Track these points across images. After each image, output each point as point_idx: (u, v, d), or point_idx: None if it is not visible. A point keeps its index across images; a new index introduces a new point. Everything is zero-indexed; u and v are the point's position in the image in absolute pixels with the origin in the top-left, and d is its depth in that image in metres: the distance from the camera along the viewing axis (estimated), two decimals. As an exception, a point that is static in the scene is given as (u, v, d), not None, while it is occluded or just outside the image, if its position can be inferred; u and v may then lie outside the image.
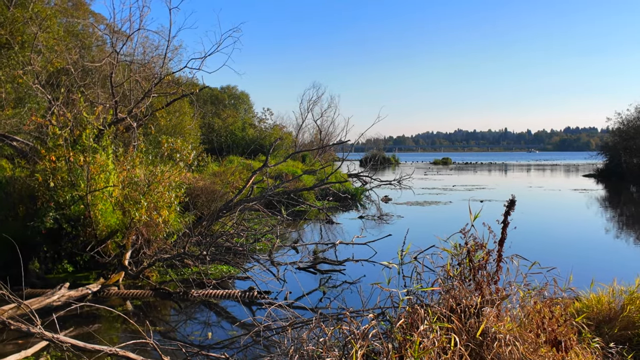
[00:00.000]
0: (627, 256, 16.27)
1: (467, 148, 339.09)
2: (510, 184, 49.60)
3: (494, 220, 6.37)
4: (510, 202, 6.14)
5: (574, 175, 64.50)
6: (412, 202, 30.49)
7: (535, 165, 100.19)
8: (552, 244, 18.11)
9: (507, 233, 6.26)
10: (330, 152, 52.50)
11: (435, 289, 5.81)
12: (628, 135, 55.83)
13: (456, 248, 6.13)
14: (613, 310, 7.13)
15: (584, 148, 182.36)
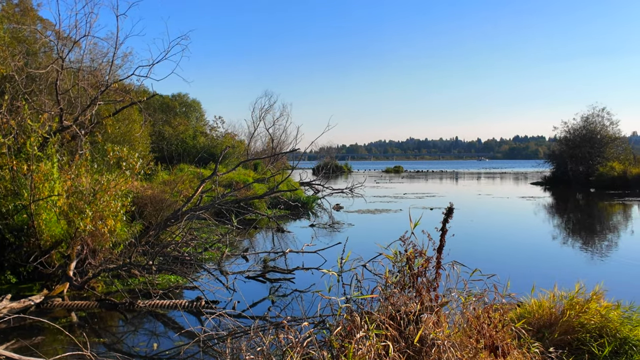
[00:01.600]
0: (569, 262, 16.62)
1: (419, 156, 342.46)
2: (460, 192, 50.26)
3: (438, 228, 6.44)
4: (448, 210, 6.23)
5: (523, 183, 65.69)
6: (363, 210, 30.65)
7: (485, 173, 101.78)
8: (498, 251, 18.42)
9: (455, 240, 6.33)
10: (283, 160, 52.47)
11: (374, 296, 5.85)
12: (574, 144, 57.27)
13: (396, 255, 6.18)
14: (554, 315, 7.26)
15: (532, 156, 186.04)
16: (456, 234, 6.63)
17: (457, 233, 6.39)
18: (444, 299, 5.92)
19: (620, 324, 7.11)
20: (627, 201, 36.94)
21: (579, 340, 6.92)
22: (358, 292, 5.96)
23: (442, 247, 6.12)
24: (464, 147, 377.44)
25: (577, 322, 7.06)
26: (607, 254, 18.33)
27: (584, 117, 58.79)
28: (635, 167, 51.62)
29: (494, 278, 6.57)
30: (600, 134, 57.48)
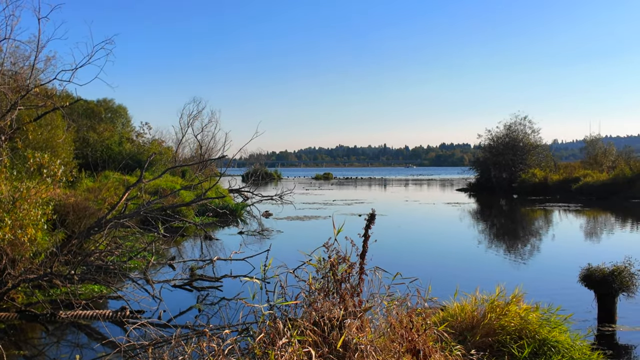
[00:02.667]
0: (492, 266, 17.06)
1: (348, 163, 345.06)
2: (388, 199, 50.96)
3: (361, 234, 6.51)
4: (370, 217, 6.29)
5: (449, 189, 67.10)
6: (292, 217, 30.71)
7: (413, 180, 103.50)
8: (424, 256, 18.77)
9: (382, 246, 6.41)
10: (212, 167, 51.95)
11: (296, 302, 5.87)
12: (497, 151, 58.88)
13: (320, 262, 6.22)
14: (475, 318, 7.44)
15: (458, 163, 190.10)
16: (384, 240, 6.74)
17: (385, 239, 6.52)
18: (367, 304, 5.98)
19: (539, 326, 7.33)
20: (547, 207, 38.17)
21: (500, 342, 7.09)
22: (281, 299, 5.96)
23: (365, 252, 6.18)
24: (392, 154, 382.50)
25: (498, 325, 7.25)
26: (529, 257, 18.92)
27: (507, 126, 60.58)
28: (556, 174, 53.48)
29: (417, 282, 6.69)
30: (522, 142, 59.26)
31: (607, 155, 61.42)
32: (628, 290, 10.45)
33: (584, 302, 11.11)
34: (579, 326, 9.48)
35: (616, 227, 27.50)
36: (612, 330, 10.15)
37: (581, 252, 18.53)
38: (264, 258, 15.88)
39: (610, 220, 30.97)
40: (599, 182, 47.24)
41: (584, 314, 10.80)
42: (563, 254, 19.38)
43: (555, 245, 21.62)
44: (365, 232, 6.24)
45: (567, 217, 31.96)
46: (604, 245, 20.84)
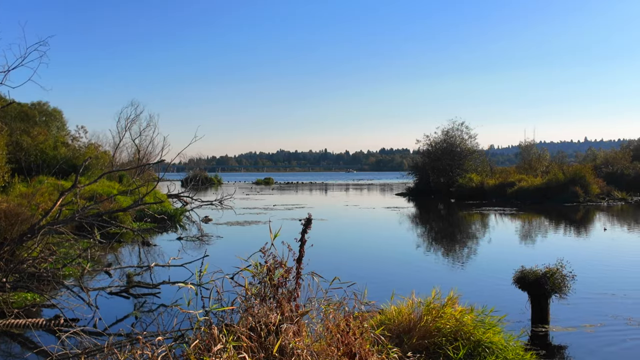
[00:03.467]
0: (430, 269, 17.31)
1: (289, 168, 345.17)
2: (329, 203, 51.18)
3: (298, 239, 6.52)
4: (307, 221, 6.32)
5: (388, 193, 67.79)
6: (232, 222, 30.54)
7: (353, 185, 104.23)
8: (363, 260, 18.90)
9: (321, 250, 6.42)
10: (150, 172, 51.20)
11: (232, 308, 5.85)
12: (436, 156, 59.84)
13: (257, 267, 6.20)
14: (412, 321, 7.54)
15: (397, 168, 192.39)
16: (323, 244, 6.78)
17: (325, 243, 6.55)
18: (304, 308, 6.00)
19: (473, 328, 7.48)
20: (484, 211, 38.96)
21: (436, 344, 7.20)
22: (217, 305, 5.92)
23: (302, 257, 6.19)
24: (333, 159, 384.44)
25: (434, 327, 7.36)
26: (466, 260, 19.27)
27: (444, 131, 61.63)
28: (492, 179, 54.63)
29: (355, 286, 6.74)
30: (459, 147, 60.36)
31: (541, 160, 63.18)
32: (560, 292, 10.74)
33: (518, 304, 11.36)
34: (513, 327, 9.70)
35: (549, 230, 28.27)
36: (545, 330, 10.42)
37: (516, 255, 18.96)
38: (207, 263, 15.79)
39: (544, 224, 31.81)
40: (533, 187, 48.46)
41: (518, 315, 11.05)
42: (498, 256, 19.80)
43: (491, 248, 22.07)
44: (301, 236, 6.25)
45: (503, 220, 32.68)
46: (538, 248, 21.38)
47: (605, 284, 14.45)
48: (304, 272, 6.23)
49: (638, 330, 10.35)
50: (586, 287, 13.10)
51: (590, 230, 27.57)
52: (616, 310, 11.73)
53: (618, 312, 11.63)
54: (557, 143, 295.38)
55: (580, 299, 12.08)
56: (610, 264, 17.78)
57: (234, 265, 7.51)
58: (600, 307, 12.07)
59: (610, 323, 10.86)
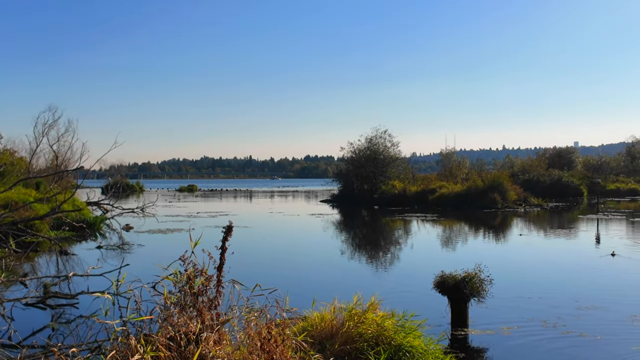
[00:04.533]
0: (353, 275, 17.47)
1: (214, 175, 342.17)
2: (253, 210, 51.02)
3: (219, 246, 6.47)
4: (228, 229, 6.28)
5: (313, 200, 68.06)
6: (154, 230, 30.00)
7: (278, 192, 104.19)
8: (287, 267, 18.91)
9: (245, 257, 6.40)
10: (69, 179, 49.74)
11: (151, 317, 5.76)
12: (359, 164, 60.48)
13: (176, 275, 6.13)
14: (334, 327, 7.58)
15: (322, 175, 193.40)
16: (246, 252, 6.75)
17: (248, 250, 6.52)
18: (225, 316, 5.95)
19: (394, 332, 7.58)
20: (406, 217, 39.58)
21: (358, 350, 7.26)
22: (135, 315, 5.81)
23: (222, 265, 6.15)
24: (258, 166, 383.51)
25: (356, 332, 7.42)
26: (388, 266, 19.54)
27: (368, 139, 62.35)
28: (414, 186, 55.65)
29: (277, 293, 6.74)
30: (383, 155, 61.16)
31: (461, 167, 64.85)
32: (479, 296, 11.01)
33: (439, 308, 11.58)
34: (434, 331, 9.91)
35: (469, 236, 28.99)
36: (464, 334, 10.66)
37: (437, 260, 19.32)
38: (125, 272, 15.45)
39: (464, 229, 32.60)
40: (453, 193, 49.58)
41: (438, 319, 11.27)
42: (420, 261, 20.16)
43: (413, 253, 22.44)
44: (222, 244, 6.21)
45: (424, 226, 33.30)
46: (458, 253, 21.88)
47: (522, 287, 14.91)
48: (226, 280, 6.20)
49: (553, 332, 10.71)
50: (503, 291, 13.47)
51: (507, 236, 28.41)
52: (532, 313, 12.11)
53: (534, 314, 12.00)
54: (476, 151, 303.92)
55: (498, 302, 12.40)
56: (526, 268, 18.38)
57: (155, 274, 7.40)
58: (517, 310, 12.44)
59: (526, 325, 11.20)
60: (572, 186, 63.65)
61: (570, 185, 63.80)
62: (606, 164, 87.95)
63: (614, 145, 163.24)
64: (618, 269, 18.02)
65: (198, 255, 6.32)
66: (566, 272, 17.53)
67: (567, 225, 33.22)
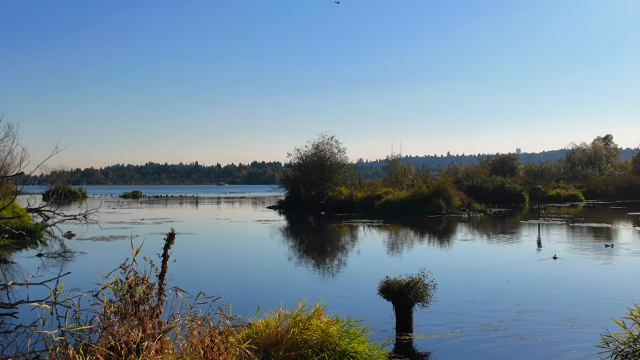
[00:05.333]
0: (299, 281, 17.47)
1: (159, 181, 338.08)
2: (199, 217, 50.59)
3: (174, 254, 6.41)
4: (169, 236, 6.22)
5: (260, 206, 67.86)
6: (97, 238, 29.44)
7: (225, 198, 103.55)
8: (233, 274, 18.82)
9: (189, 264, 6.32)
10: (8, 185, 48.46)
11: (90, 327, 5.66)
12: (306, 170, 60.52)
13: (117, 284, 6.03)
14: (280, 333, 7.57)
15: (269, 181, 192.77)
16: (191, 259, 6.68)
17: (192, 257, 6.45)
18: (168, 325, 5.89)
19: (339, 338, 7.61)
20: (352, 223, 39.79)
21: (303, 356, 7.27)
22: (74, 324, 5.69)
23: (164, 272, 6.09)
24: (204, 172, 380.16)
25: (301, 339, 7.42)
26: (335, 272, 19.61)
27: (315, 145, 62.42)
28: (360, 192, 55.97)
29: (221, 301, 6.69)
30: (329, 161, 61.34)
31: (407, 174, 65.41)
32: (423, 300, 11.15)
33: (384, 313, 11.67)
34: (379, 336, 10.00)
35: (414, 241, 29.30)
36: (409, 338, 10.77)
37: (382, 265, 19.44)
38: (65, 281, 15.11)
39: (409, 235, 32.96)
40: (399, 199, 50.09)
41: (383, 324, 11.37)
42: (366, 267, 20.29)
43: (359, 259, 22.58)
44: (164, 252, 6.14)
45: (371, 232, 33.52)
46: (403, 258, 22.12)
47: (465, 291, 15.15)
48: (168, 288, 6.13)
49: (495, 335, 10.91)
50: (447, 295, 13.68)
51: (451, 241, 28.82)
52: (475, 317, 12.32)
53: (476, 318, 12.21)
54: (422, 157, 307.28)
55: (441, 307, 12.58)
56: (470, 273, 18.69)
57: (97, 282, 7.27)
58: (460, 314, 12.64)
59: (469, 329, 11.39)
60: (515, 192, 65.03)
61: (513, 191, 65.17)
62: (547, 171, 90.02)
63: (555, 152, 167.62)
64: (558, 272, 18.48)
65: (140, 263, 6.24)
66: (508, 276, 17.87)
67: (509, 231, 33.89)
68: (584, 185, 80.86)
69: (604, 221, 39.81)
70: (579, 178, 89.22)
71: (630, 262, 20.29)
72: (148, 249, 6.47)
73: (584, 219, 41.85)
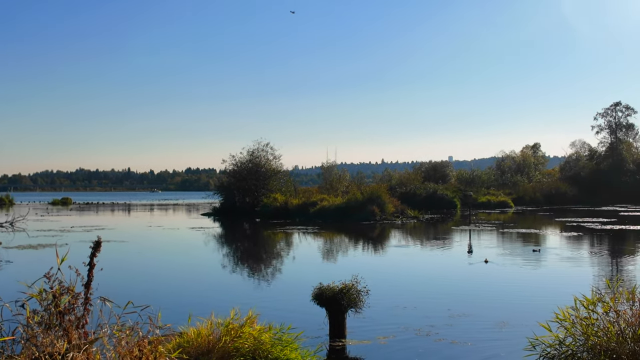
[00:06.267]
0: (233, 289, 17.37)
1: (90, 188, 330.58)
2: (132, 224, 49.67)
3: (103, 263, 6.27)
4: (96, 244, 6.10)
5: (194, 213, 67.13)
6: (24, 246, 28.53)
7: (158, 205, 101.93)
8: (163, 282, 18.53)
9: (120, 273, 6.18)
10: None
11: (12, 338, 5.49)
12: (241, 176, 60.27)
13: (42, 293, 5.86)
14: (211, 342, 7.49)
15: (204, 188, 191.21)
16: (121, 267, 6.54)
17: (123, 266, 6.31)
18: (95, 335, 5.75)
19: (271, 346, 7.59)
20: (287, 230, 39.77)
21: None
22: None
23: (91, 282, 5.95)
24: (137, 179, 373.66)
25: (233, 347, 7.37)
26: (270, 279, 19.57)
27: (250, 152, 62.19)
28: (296, 199, 55.99)
29: (150, 310, 6.58)
30: (264, 167, 61.22)
31: (342, 180, 65.80)
32: (356, 306, 11.23)
33: (318, 320, 11.69)
34: (312, 343, 10.01)
35: (348, 248, 29.50)
36: (342, 344, 10.81)
37: (316, 272, 19.49)
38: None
39: (344, 241, 33.14)
40: (334, 206, 50.31)
41: (317, 331, 11.38)
42: (300, 274, 20.31)
43: (293, 266, 22.58)
44: (90, 260, 6.01)
45: (306, 239, 33.55)
46: (337, 265, 22.23)
47: (398, 297, 15.31)
48: (95, 297, 5.99)
49: (426, 340, 11.07)
50: (380, 301, 13.81)
51: (384, 247, 29.15)
52: (407, 322, 12.47)
53: (408, 323, 12.36)
54: (357, 164, 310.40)
55: (374, 313, 12.68)
56: (402, 278, 18.94)
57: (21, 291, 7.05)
58: (393, 319, 12.77)
59: (401, 334, 11.51)
60: (447, 199, 66.21)
61: (445, 197, 66.35)
62: (478, 178, 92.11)
63: (486, 160, 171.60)
64: (488, 277, 18.88)
65: (67, 272, 6.08)
66: (440, 281, 18.18)
67: (441, 236, 34.51)
68: (514, 192, 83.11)
69: (532, 227, 40.99)
70: (508, 185, 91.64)
71: (556, 267, 20.90)
72: (77, 257, 6.32)
73: (513, 225, 42.98)
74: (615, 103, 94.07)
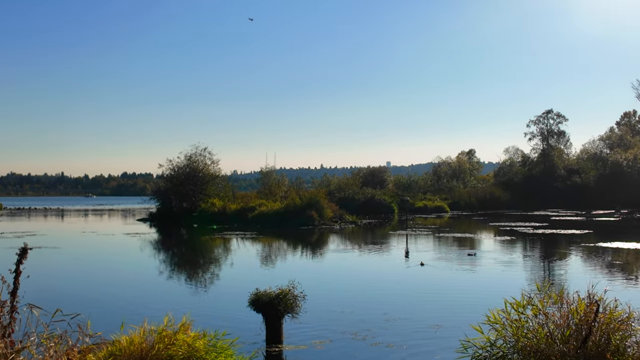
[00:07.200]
0: (168, 295, 17.16)
1: (21, 192, 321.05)
2: (65, 230, 48.60)
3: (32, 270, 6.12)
4: (22, 251, 5.95)
5: (130, 219, 66.04)
6: (-50, 253, 27.56)
7: (93, 210, 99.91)
8: (95, 289, 18.19)
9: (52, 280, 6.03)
10: None
11: None
12: (179, 181, 59.59)
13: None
14: (144, 350, 7.35)
15: (140, 193, 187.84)
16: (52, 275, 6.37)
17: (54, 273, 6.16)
18: (21, 344, 5.61)
19: (206, 353, 7.50)
20: (225, 235, 39.48)
21: (169, 372, 7.12)
22: None
23: (17, 289, 5.80)
24: (71, 183, 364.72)
25: (166, 355, 7.25)
26: (206, 284, 19.42)
27: (187, 156, 61.51)
28: (234, 204, 55.64)
29: (80, 318, 6.44)
30: (202, 172, 60.68)
31: (281, 185, 65.82)
32: (292, 312, 11.24)
33: (254, 325, 11.65)
34: (248, 348, 9.97)
35: (286, 253, 29.52)
36: (278, 350, 10.81)
37: (254, 277, 19.43)
38: None
39: (282, 247, 33.13)
40: (272, 211, 50.15)
41: (253, 336, 11.34)
42: (237, 279, 20.23)
43: (231, 271, 22.47)
44: (16, 267, 5.85)
45: (244, 244, 33.42)
46: (275, 270, 22.19)
47: (335, 301, 15.39)
48: (22, 305, 5.83)
49: (363, 343, 11.16)
50: (317, 306, 13.83)
51: (322, 252, 29.27)
52: (344, 326, 12.54)
53: (345, 327, 12.42)
54: (296, 169, 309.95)
55: (311, 318, 12.71)
56: (340, 283, 19.05)
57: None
58: (330, 324, 12.82)
59: (338, 338, 11.57)
60: (384, 204, 66.93)
61: (382, 202, 67.06)
62: (415, 183, 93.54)
63: (423, 165, 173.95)
64: (424, 280, 19.20)
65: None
66: (377, 285, 18.35)
67: (379, 241, 34.85)
68: (449, 197, 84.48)
69: (467, 231, 41.79)
70: (444, 190, 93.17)
71: (490, 270, 21.35)
72: (5, 264, 6.13)
73: (449, 229, 43.75)
74: (547, 111, 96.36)
